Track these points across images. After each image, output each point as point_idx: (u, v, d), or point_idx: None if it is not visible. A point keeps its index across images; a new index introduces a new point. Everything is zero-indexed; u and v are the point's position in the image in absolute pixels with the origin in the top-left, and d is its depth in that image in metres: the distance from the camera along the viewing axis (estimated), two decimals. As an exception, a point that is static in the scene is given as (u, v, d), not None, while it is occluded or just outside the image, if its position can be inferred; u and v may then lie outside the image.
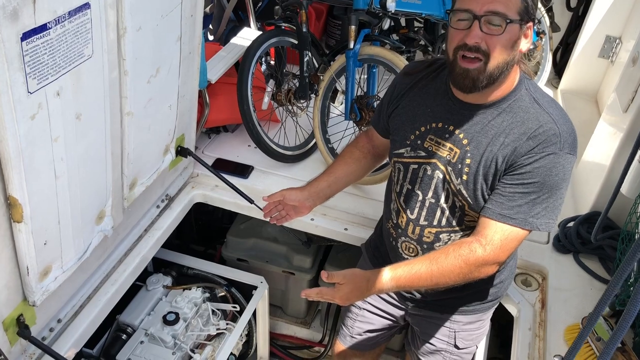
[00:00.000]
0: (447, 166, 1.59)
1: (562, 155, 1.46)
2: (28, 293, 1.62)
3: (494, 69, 1.44)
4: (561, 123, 1.49)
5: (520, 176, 1.49)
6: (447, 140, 1.59)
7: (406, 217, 1.72)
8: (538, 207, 1.49)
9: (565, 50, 3.65)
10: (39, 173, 1.45)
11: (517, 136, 1.50)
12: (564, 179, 1.49)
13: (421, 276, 1.54)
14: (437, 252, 1.58)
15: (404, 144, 1.67)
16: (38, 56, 1.29)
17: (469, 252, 1.52)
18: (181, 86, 2.08)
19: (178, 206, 2.47)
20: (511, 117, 1.52)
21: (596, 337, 1.84)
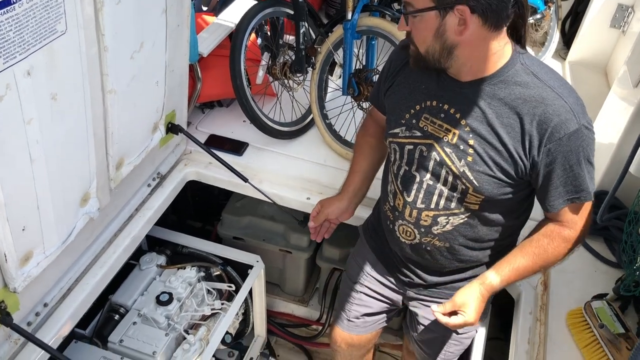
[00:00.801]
0: (446, 148, 1.52)
1: (582, 129, 1.40)
2: (8, 280, 1.57)
3: (426, 55, 1.43)
4: (567, 94, 1.41)
5: (559, 165, 1.43)
6: (443, 120, 1.52)
7: (403, 200, 1.66)
8: (591, 175, 1.48)
9: (575, 20, 3.50)
10: (12, 157, 1.38)
11: (522, 119, 1.42)
12: (594, 147, 1.47)
13: (527, 270, 1.57)
14: (532, 244, 1.57)
15: (399, 123, 1.61)
16: (2, 33, 1.20)
17: (563, 239, 1.54)
18: (169, 61, 1.99)
19: (170, 184, 2.41)
20: (510, 96, 1.43)
21: (599, 324, 1.78)
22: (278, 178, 2.47)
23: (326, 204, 1.92)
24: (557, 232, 1.55)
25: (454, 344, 1.97)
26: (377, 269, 1.97)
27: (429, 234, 1.66)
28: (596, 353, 1.77)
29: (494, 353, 2.46)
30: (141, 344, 2.19)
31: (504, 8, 1.33)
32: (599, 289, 1.98)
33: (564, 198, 1.49)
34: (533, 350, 1.87)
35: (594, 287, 2.00)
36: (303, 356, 3.09)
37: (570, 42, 3.42)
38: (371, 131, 1.89)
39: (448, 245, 1.67)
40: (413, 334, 2.07)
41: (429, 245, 1.69)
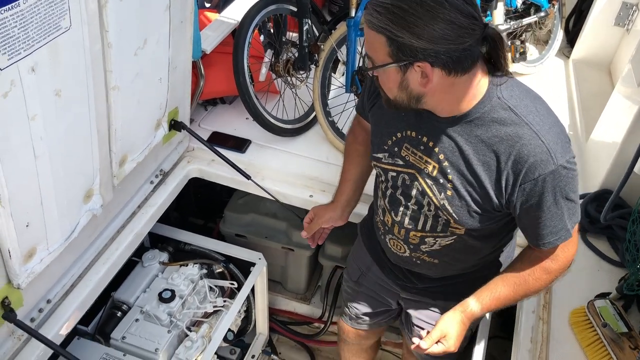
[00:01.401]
0: (427, 180, 1.48)
1: (559, 169, 1.32)
2: (12, 276, 1.57)
3: (395, 100, 1.37)
4: (545, 132, 1.32)
5: (535, 206, 1.38)
6: (423, 153, 1.47)
7: (391, 219, 1.65)
8: (572, 212, 1.42)
9: (579, 18, 3.49)
10: (16, 153, 1.38)
11: (499, 157, 1.36)
12: (576, 182, 1.39)
13: (508, 298, 1.55)
14: (513, 273, 1.54)
15: (382, 148, 1.57)
16: (7, 29, 1.20)
17: (544, 270, 1.51)
18: (172, 58, 1.98)
19: (173, 181, 2.40)
20: (486, 133, 1.36)
21: (602, 323, 1.77)
22: (280, 175, 2.47)
23: (319, 212, 1.91)
24: (538, 263, 1.51)
25: None
26: (374, 269, 1.97)
27: (418, 251, 1.66)
28: (599, 352, 1.76)
29: (496, 351, 2.46)
30: (144, 340, 2.19)
31: (468, 55, 1.25)
32: (602, 288, 1.97)
33: (542, 241, 1.45)
34: (536, 349, 1.87)
35: (597, 286, 1.99)
36: (305, 354, 3.09)
37: (574, 41, 3.40)
38: (360, 138, 1.84)
39: (437, 261, 1.67)
40: (408, 334, 2.07)
41: (419, 260, 1.69)
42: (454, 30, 1.19)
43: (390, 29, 1.21)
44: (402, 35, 1.20)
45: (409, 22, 1.19)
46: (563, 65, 3.41)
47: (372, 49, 1.29)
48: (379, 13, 1.21)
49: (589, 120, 2.72)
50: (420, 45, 1.20)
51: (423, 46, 1.20)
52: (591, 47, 3.27)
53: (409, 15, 1.18)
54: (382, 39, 1.23)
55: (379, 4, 1.21)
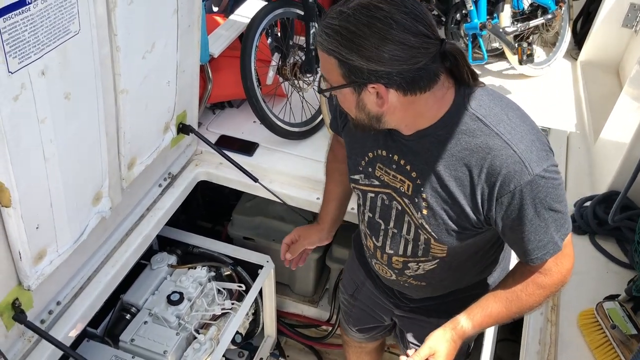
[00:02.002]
0: (404, 198, 1.44)
1: (537, 179, 1.26)
2: (22, 277, 1.58)
3: (357, 120, 1.33)
4: (517, 141, 1.26)
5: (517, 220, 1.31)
6: (396, 172, 1.43)
7: (373, 243, 1.62)
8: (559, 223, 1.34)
9: (586, 20, 3.48)
10: (27, 156, 1.39)
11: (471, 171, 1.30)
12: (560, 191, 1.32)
13: (500, 315, 1.46)
14: (505, 289, 1.45)
15: (357, 169, 1.53)
16: (18, 33, 1.21)
17: (537, 286, 1.42)
18: (180, 61, 2.00)
19: (181, 184, 2.42)
20: (456, 147, 1.31)
21: (611, 325, 1.76)
22: (288, 178, 2.48)
23: (305, 234, 1.89)
24: (531, 278, 1.42)
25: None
26: (367, 284, 1.94)
27: (404, 275, 1.63)
28: (608, 354, 1.75)
29: (504, 354, 2.45)
30: (152, 343, 2.20)
31: (423, 75, 1.20)
32: (610, 290, 1.96)
33: (529, 257, 1.37)
34: (544, 351, 1.86)
35: (605, 288, 1.97)
36: (313, 357, 3.08)
37: (581, 42, 3.40)
38: (340, 156, 1.77)
39: (425, 283, 1.64)
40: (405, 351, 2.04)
41: (406, 283, 1.67)
42: (405, 51, 1.15)
43: (340, 52, 1.17)
44: (351, 57, 1.17)
45: (357, 44, 1.15)
46: (570, 67, 3.40)
47: (326, 70, 1.25)
48: (328, 35, 1.18)
49: (597, 121, 2.71)
50: (370, 68, 1.17)
51: (373, 68, 1.17)
52: (599, 49, 3.26)
53: (357, 37, 1.15)
54: (333, 60, 1.20)
55: (328, 25, 1.18)
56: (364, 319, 2.07)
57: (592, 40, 3.27)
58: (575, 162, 2.61)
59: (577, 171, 2.54)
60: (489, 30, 2.92)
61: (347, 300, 2.11)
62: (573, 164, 2.59)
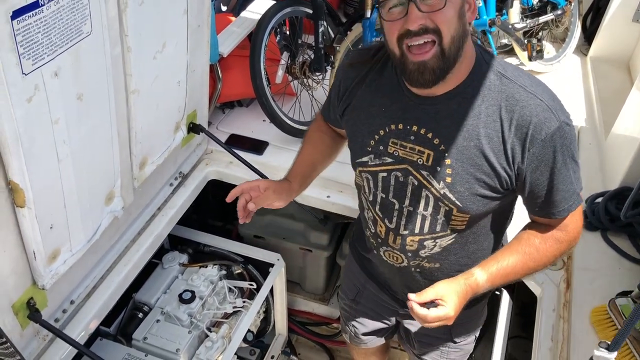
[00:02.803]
0: (422, 171, 1.41)
1: (563, 126, 1.31)
2: (37, 277, 1.60)
3: (450, 47, 1.26)
4: (540, 92, 1.32)
5: (546, 169, 1.34)
6: (414, 143, 1.40)
7: (385, 227, 1.56)
8: (577, 175, 1.39)
9: (596, 15, 3.46)
10: (40, 157, 1.41)
11: (502, 125, 1.32)
12: (576, 143, 1.37)
13: (516, 270, 1.43)
14: (522, 243, 1.45)
15: (365, 151, 1.49)
16: (31, 35, 1.23)
17: (556, 240, 1.44)
18: (190, 61, 2.01)
19: (192, 184, 2.43)
20: (484, 103, 1.33)
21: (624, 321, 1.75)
22: (298, 177, 2.48)
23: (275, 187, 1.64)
24: (549, 233, 1.45)
25: (454, 352, 1.94)
26: (369, 286, 1.91)
27: (417, 257, 1.58)
28: (621, 350, 1.75)
29: (515, 351, 2.44)
30: (165, 341, 2.21)
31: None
32: (623, 286, 1.95)
33: (556, 209, 1.39)
34: (557, 347, 1.85)
35: (618, 284, 1.97)
36: (324, 354, 3.09)
37: (591, 38, 3.38)
38: (324, 129, 1.77)
39: (438, 265, 1.60)
40: (411, 349, 2.04)
41: (418, 268, 1.61)
42: None
43: None
44: None
45: None
46: (580, 63, 3.39)
47: None
48: None
49: (607, 117, 2.70)
50: None
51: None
52: (609, 45, 3.24)
53: None
54: None
55: None
56: (367, 322, 2.04)
57: (602, 35, 3.25)
58: (586, 158, 2.59)
59: (588, 167, 2.53)
60: (498, 26, 2.91)
61: (348, 306, 2.07)
62: (584, 160, 2.58)
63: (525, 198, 1.44)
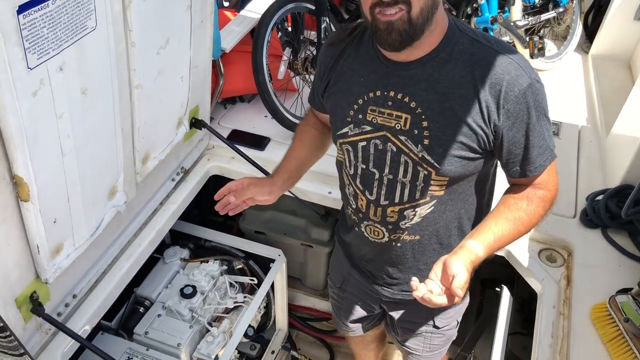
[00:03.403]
0: (400, 136, 1.46)
1: (535, 83, 1.39)
2: (40, 271, 1.61)
3: (417, 17, 1.31)
4: (509, 52, 1.40)
5: (522, 126, 1.40)
6: (392, 108, 1.46)
7: (366, 200, 1.60)
8: (549, 132, 1.46)
9: (598, 13, 3.47)
10: (45, 151, 1.41)
11: (475, 85, 1.38)
12: (546, 100, 1.44)
13: (509, 236, 1.47)
14: (510, 209, 1.48)
15: (345, 122, 1.54)
16: (37, 30, 1.23)
17: (541, 199, 1.49)
18: (193, 56, 2.01)
19: (194, 179, 2.44)
20: (457, 66, 1.39)
21: (624, 318, 1.77)
22: (299, 172, 2.48)
23: (256, 182, 1.73)
24: (533, 194, 1.49)
25: (437, 337, 1.98)
26: (354, 274, 1.94)
27: (398, 230, 1.61)
28: (621, 347, 1.76)
29: (515, 347, 2.45)
30: (166, 335, 2.22)
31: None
32: (623, 284, 1.96)
33: (532, 165, 1.45)
34: (556, 344, 1.86)
35: (618, 282, 1.97)
36: (324, 350, 3.10)
37: (593, 36, 3.38)
38: (312, 121, 1.83)
39: (418, 237, 1.63)
40: (395, 337, 2.07)
41: (399, 242, 1.65)
42: None
43: None
44: None
45: None
46: (582, 60, 3.39)
47: None
48: None
49: (608, 115, 2.70)
50: None
51: None
52: (611, 42, 3.24)
53: None
54: None
55: None
56: (354, 310, 2.08)
57: (603, 33, 3.26)
58: (586, 155, 2.60)
59: (588, 165, 2.54)
60: (500, 24, 2.92)
61: (336, 294, 2.12)
62: (584, 158, 2.59)
63: (502, 159, 1.49)
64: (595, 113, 2.88)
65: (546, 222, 2.19)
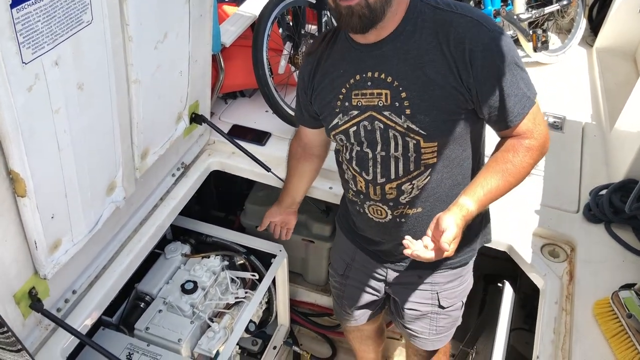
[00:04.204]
0: (384, 112, 1.54)
1: (496, 35, 1.44)
2: (38, 267, 1.60)
3: (375, 2, 1.38)
4: (469, 11, 1.46)
5: (493, 79, 1.44)
6: (372, 87, 1.54)
7: (364, 180, 1.68)
8: (526, 81, 1.49)
9: (602, 6, 3.44)
10: (41, 146, 1.40)
11: (441, 48, 1.44)
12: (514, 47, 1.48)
13: (499, 189, 1.50)
14: (498, 162, 1.51)
15: (334, 113, 1.63)
16: (31, 24, 1.22)
17: (527, 148, 1.51)
18: (192, 51, 2.00)
19: (194, 174, 2.43)
20: (422, 34, 1.47)
21: (627, 314, 1.75)
22: (300, 167, 2.47)
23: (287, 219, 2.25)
24: (518, 144, 1.51)
25: (443, 318, 2.00)
26: (357, 257, 1.98)
27: (399, 205, 1.67)
28: (623, 343, 1.74)
29: (517, 343, 2.44)
30: (167, 331, 2.22)
31: None
32: (626, 279, 1.95)
33: (510, 116, 1.48)
34: (559, 339, 1.85)
35: (621, 277, 1.96)
36: (326, 345, 3.10)
37: (597, 29, 3.35)
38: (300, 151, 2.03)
39: (420, 209, 1.68)
40: (400, 321, 2.08)
41: (402, 217, 1.70)
42: None
43: None
44: None
45: None
46: (586, 54, 3.36)
47: None
48: None
49: (613, 109, 2.68)
50: None
51: None
52: (615, 36, 3.22)
53: None
54: None
55: None
56: (357, 296, 2.09)
57: (608, 26, 3.22)
58: (590, 150, 2.58)
59: (592, 159, 2.52)
60: (503, 17, 2.89)
61: (338, 282, 2.14)
62: (588, 152, 2.57)
63: (484, 115, 1.53)
64: (600, 107, 2.85)
65: (549, 217, 2.19)
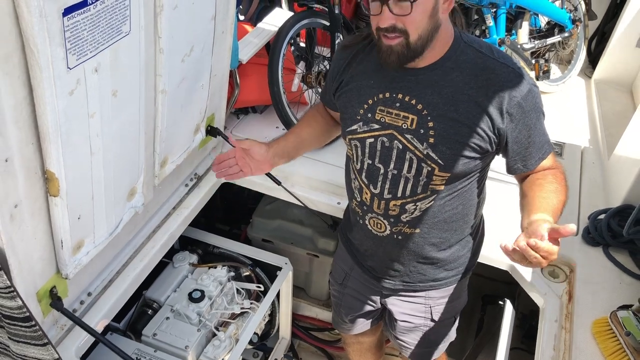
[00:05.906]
0: (407, 134, 1.57)
1: (532, 87, 1.52)
2: (61, 266, 1.65)
3: (416, 42, 1.45)
4: (509, 61, 1.53)
5: (524, 128, 1.53)
6: (399, 109, 1.57)
7: (370, 193, 1.71)
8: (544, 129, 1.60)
9: (601, 39, 3.57)
10: (76, 148, 1.46)
11: (479, 91, 1.50)
12: (541, 98, 1.58)
13: (558, 207, 1.51)
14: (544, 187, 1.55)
15: (355, 119, 1.65)
16: (78, 32, 1.29)
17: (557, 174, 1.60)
18: (214, 65, 2.08)
19: (206, 185, 2.48)
20: (462, 74, 1.52)
21: (625, 332, 1.82)
22: (309, 182, 2.54)
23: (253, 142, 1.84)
24: (548, 172, 1.60)
25: (434, 332, 2.04)
26: (355, 269, 2.03)
27: (399, 223, 1.71)
28: None
29: (516, 363, 2.49)
30: (174, 338, 2.26)
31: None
32: (624, 300, 2.01)
33: (531, 160, 1.58)
34: (558, 356, 1.91)
35: (619, 298, 2.03)
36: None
37: (596, 61, 3.47)
38: (321, 110, 1.95)
39: (418, 230, 1.72)
40: (392, 333, 2.13)
41: (399, 235, 1.74)
42: None
43: None
44: None
45: None
46: (585, 85, 3.48)
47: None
48: None
49: (610, 138, 2.78)
50: None
51: None
52: (613, 68, 3.33)
53: None
54: None
55: None
56: (354, 305, 2.13)
57: (606, 59, 3.34)
58: (589, 176, 2.67)
59: (590, 185, 2.60)
60: (507, 46, 3.00)
61: (337, 291, 2.19)
62: (587, 178, 2.65)
63: (508, 156, 1.60)
64: (598, 135, 2.95)
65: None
